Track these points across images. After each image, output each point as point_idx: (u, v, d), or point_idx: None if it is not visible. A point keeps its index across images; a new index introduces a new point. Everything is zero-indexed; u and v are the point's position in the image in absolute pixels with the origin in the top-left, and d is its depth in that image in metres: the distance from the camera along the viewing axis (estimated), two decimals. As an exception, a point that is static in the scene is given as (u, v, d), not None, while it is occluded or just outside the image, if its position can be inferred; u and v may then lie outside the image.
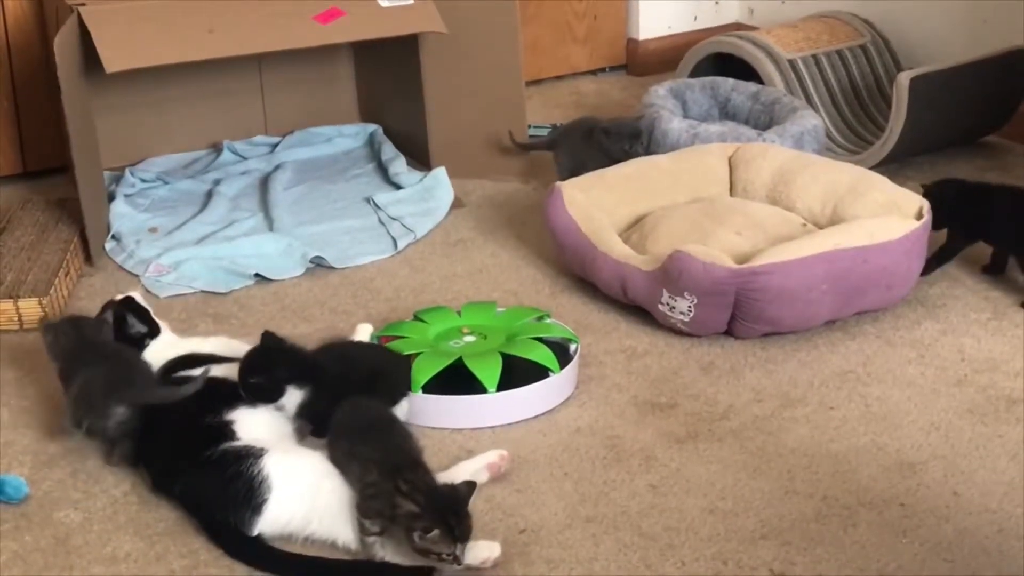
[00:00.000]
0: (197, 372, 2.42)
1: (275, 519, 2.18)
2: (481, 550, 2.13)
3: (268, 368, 2.35)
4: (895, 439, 2.45)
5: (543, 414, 2.53)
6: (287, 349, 2.42)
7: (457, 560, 2.05)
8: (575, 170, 3.19)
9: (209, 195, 3.47)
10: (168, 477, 2.30)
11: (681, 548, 2.17)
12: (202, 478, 2.23)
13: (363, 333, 2.67)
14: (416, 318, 2.72)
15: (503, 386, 2.49)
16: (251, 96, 3.78)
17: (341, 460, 2.21)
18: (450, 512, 2.05)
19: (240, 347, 2.56)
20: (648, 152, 3.36)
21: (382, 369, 2.46)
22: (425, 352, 2.56)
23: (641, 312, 2.85)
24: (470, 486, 2.11)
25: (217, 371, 2.44)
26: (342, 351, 2.54)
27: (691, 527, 2.22)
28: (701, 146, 3.27)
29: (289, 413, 2.37)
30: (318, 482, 2.18)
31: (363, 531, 2.11)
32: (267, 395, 2.35)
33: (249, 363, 2.35)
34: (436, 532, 2.03)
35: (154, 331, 2.56)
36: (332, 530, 2.16)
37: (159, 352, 2.53)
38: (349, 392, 2.33)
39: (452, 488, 2.11)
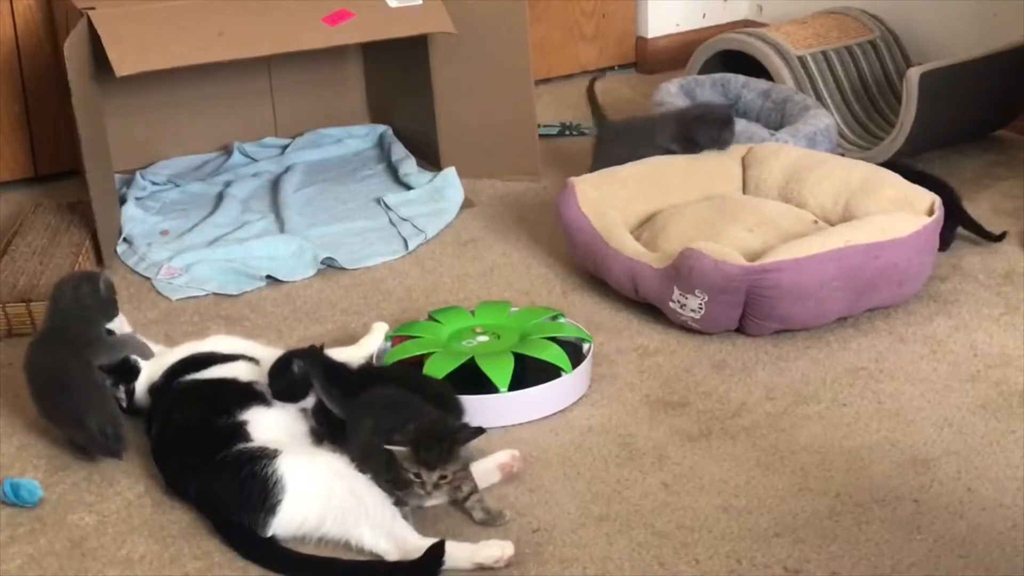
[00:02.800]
0: (205, 375, 2.43)
1: (289, 520, 2.18)
2: (494, 549, 2.13)
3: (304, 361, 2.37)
4: (908, 435, 2.45)
5: (555, 414, 2.54)
6: (319, 353, 2.43)
7: (423, 486, 2.12)
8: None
9: (220, 197, 3.48)
10: (182, 478, 2.31)
11: (695, 546, 2.17)
12: (216, 479, 2.24)
13: (378, 332, 2.67)
14: (430, 318, 2.73)
15: (516, 386, 2.49)
16: (261, 98, 3.79)
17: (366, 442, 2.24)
18: (427, 436, 2.12)
19: (236, 343, 2.57)
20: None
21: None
22: (438, 352, 2.56)
23: (652, 310, 2.86)
24: (468, 429, 2.18)
25: (227, 371, 2.45)
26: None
27: (704, 525, 2.22)
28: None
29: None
30: (332, 483, 2.19)
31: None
32: (294, 390, 2.36)
33: (288, 354, 2.39)
34: (407, 451, 2.12)
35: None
36: (346, 530, 2.16)
37: (152, 363, 2.54)
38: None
39: (439, 420, 2.18)
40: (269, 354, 2.49)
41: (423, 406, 2.26)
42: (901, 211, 2.89)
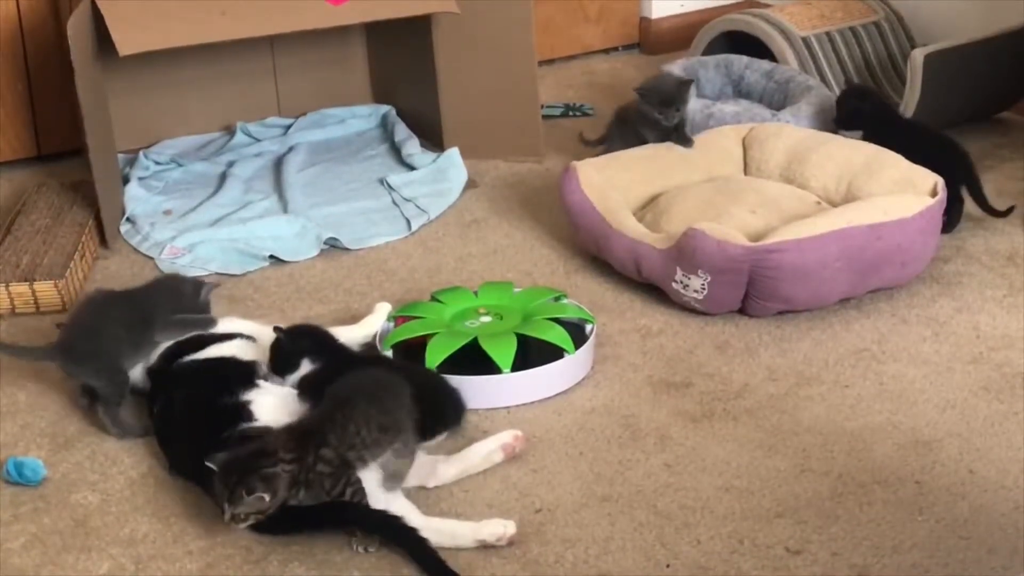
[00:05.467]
0: (203, 355, 2.43)
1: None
2: (496, 526, 2.14)
3: (295, 336, 2.40)
4: (910, 417, 2.45)
5: (558, 394, 2.54)
6: (315, 328, 2.46)
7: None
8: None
9: (223, 177, 3.47)
10: (185, 458, 2.31)
11: (697, 527, 2.18)
12: (220, 459, 2.24)
13: (381, 312, 2.68)
14: (433, 298, 2.73)
15: (519, 366, 2.49)
16: (264, 78, 3.78)
17: None
18: (224, 470, 2.09)
19: (232, 323, 2.57)
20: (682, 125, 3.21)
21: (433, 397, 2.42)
22: (441, 332, 2.56)
23: (655, 291, 2.86)
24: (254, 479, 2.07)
25: (225, 350, 2.46)
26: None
27: (707, 506, 2.23)
28: (714, 129, 3.25)
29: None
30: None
31: None
32: (288, 360, 2.38)
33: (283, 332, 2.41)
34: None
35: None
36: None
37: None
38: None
39: (242, 457, 2.11)
40: (267, 333, 2.50)
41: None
42: (904, 192, 2.88)
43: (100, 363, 2.45)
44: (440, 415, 2.38)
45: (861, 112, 3.21)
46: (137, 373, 2.51)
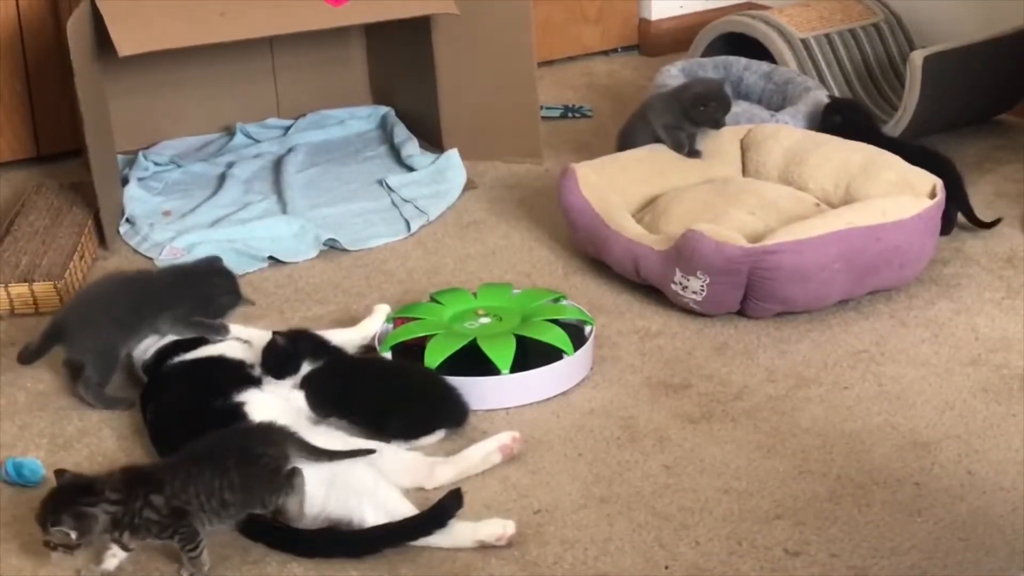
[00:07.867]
0: (193, 355, 2.44)
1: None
2: (495, 526, 2.14)
3: (295, 339, 2.41)
4: (909, 419, 2.45)
5: (557, 396, 2.54)
6: (311, 332, 2.47)
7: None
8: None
9: (222, 178, 3.47)
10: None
11: (695, 528, 2.18)
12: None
13: (380, 313, 2.68)
14: (432, 299, 2.73)
15: (518, 367, 2.50)
16: (263, 79, 3.78)
17: None
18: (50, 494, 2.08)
19: (235, 329, 2.58)
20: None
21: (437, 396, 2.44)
22: (440, 333, 2.57)
23: (654, 292, 2.86)
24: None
25: (217, 350, 2.48)
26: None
27: (705, 507, 2.23)
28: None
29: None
30: (333, 463, 2.19)
31: None
32: (287, 363, 2.38)
33: (279, 335, 2.42)
34: None
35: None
36: (348, 510, 2.16)
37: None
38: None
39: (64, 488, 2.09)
40: (259, 336, 2.51)
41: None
42: (902, 193, 2.89)
43: (94, 343, 2.50)
44: (435, 414, 2.39)
45: (848, 125, 3.19)
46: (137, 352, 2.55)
